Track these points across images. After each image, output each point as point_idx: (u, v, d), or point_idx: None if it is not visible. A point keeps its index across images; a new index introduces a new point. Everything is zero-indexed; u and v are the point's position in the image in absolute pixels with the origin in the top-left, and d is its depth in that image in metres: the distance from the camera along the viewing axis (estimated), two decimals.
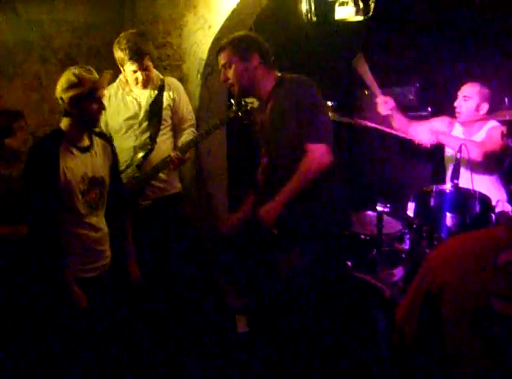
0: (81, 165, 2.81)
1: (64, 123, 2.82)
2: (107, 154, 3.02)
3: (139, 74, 3.55)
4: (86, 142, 2.89)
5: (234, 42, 2.99)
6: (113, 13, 4.49)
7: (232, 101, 3.19)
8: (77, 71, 2.76)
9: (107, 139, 3.13)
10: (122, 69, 3.60)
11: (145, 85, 3.62)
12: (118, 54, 3.52)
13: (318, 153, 2.79)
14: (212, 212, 4.45)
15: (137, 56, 3.47)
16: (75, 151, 2.81)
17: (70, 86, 2.73)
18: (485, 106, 3.76)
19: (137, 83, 3.59)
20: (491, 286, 1.31)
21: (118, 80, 3.73)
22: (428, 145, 3.76)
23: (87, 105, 2.77)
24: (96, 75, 2.83)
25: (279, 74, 3.02)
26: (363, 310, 3.22)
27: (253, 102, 3.27)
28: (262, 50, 3.00)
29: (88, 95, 2.76)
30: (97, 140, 2.98)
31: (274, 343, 3.33)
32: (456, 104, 3.87)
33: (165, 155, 3.54)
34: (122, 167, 3.54)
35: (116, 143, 3.63)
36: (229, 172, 4.61)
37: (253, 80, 2.98)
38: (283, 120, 2.89)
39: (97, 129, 3.04)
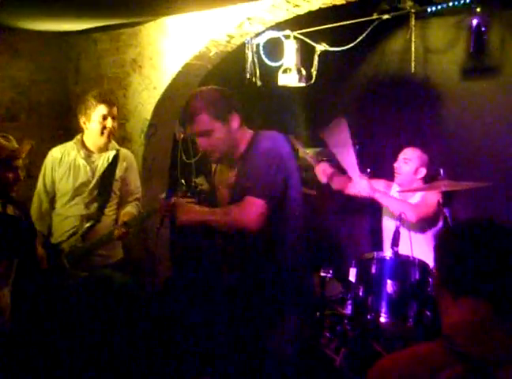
0: None
1: None
2: None
3: (109, 120, 3.45)
4: None
5: (211, 104, 2.55)
6: (57, 69, 4.47)
7: (183, 181, 2.99)
8: None
9: (22, 208, 2.94)
10: (87, 123, 3.48)
11: (109, 139, 3.53)
12: (89, 102, 3.44)
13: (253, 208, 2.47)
14: (157, 274, 4.41)
15: (109, 100, 3.48)
16: None
17: None
18: (423, 171, 3.91)
19: (102, 133, 3.47)
20: None
21: (74, 140, 3.59)
22: (366, 195, 3.86)
23: (2, 173, 2.64)
24: (14, 144, 2.72)
25: (251, 132, 2.70)
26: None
27: (203, 183, 3.15)
28: (239, 107, 2.64)
29: (5, 163, 2.64)
30: (10, 209, 2.77)
31: None
32: (396, 165, 4.00)
33: (109, 226, 3.48)
34: (65, 236, 3.45)
35: (61, 209, 3.53)
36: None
37: (234, 143, 2.62)
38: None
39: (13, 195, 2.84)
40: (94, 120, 3.46)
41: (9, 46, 4.13)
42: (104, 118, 3.45)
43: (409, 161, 3.93)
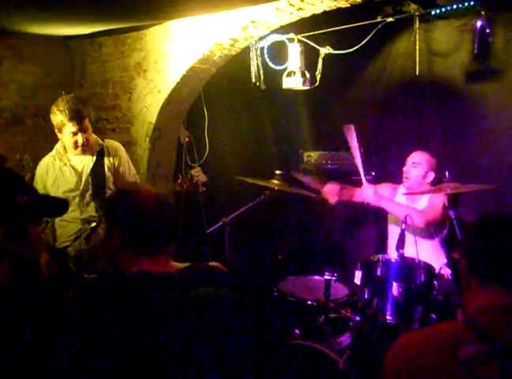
0: None
1: None
2: None
3: (79, 136, 3.36)
4: None
5: None
6: (62, 74, 4.49)
7: (180, 175, 2.91)
8: None
9: None
10: (59, 134, 3.43)
11: (85, 150, 3.45)
12: (57, 117, 3.36)
13: None
14: None
15: (77, 116, 3.33)
16: None
17: None
18: (432, 175, 3.89)
19: (76, 147, 3.40)
20: None
21: (54, 150, 3.54)
22: (371, 203, 3.86)
23: None
24: None
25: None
26: None
27: (199, 174, 3.12)
28: (126, 222, 1.82)
29: None
30: None
31: None
32: (405, 169, 3.97)
33: None
34: (69, 241, 3.44)
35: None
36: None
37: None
38: None
39: None
40: (65, 135, 3.39)
41: (14, 51, 4.15)
42: (75, 134, 3.37)
43: (418, 165, 3.90)
